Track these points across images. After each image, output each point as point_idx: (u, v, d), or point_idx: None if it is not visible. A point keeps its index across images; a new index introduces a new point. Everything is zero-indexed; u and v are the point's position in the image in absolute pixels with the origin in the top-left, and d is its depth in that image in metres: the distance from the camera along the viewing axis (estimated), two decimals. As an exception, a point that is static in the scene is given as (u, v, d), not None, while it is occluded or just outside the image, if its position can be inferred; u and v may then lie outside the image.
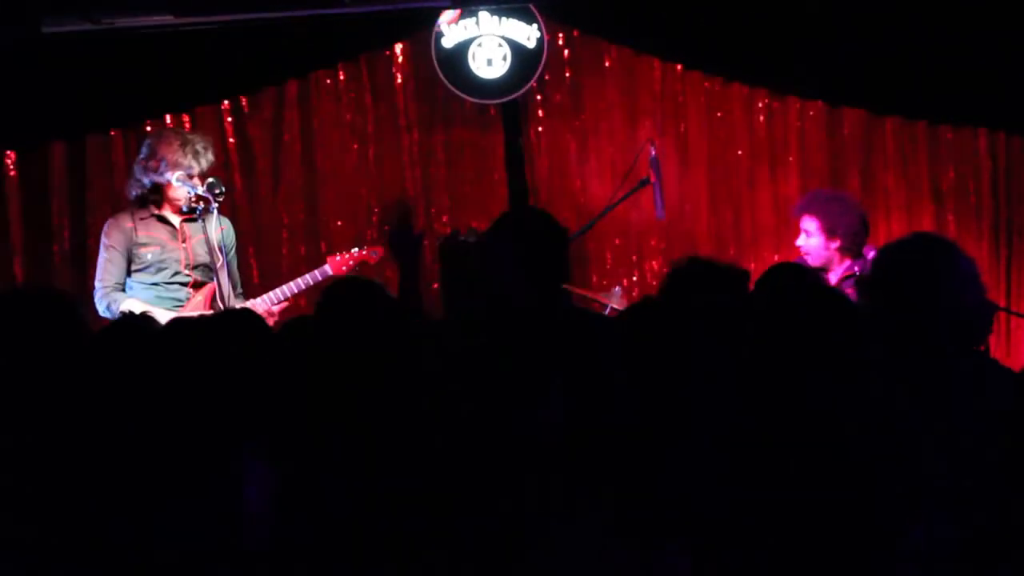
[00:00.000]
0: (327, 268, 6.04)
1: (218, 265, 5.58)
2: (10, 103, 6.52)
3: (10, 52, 6.39)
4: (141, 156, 5.76)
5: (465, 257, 6.84)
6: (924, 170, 7.04)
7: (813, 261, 5.85)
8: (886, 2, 6.68)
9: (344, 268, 6.07)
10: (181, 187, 5.64)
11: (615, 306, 6.10)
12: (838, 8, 6.68)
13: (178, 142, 5.68)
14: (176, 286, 5.75)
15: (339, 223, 7.05)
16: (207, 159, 5.72)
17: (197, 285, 5.77)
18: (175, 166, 5.64)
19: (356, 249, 6.18)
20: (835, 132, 7.05)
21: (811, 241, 5.88)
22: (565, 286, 5.97)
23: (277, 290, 5.93)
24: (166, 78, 6.67)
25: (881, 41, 6.69)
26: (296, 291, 5.96)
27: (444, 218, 7.15)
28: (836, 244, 5.85)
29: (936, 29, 6.62)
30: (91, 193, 6.79)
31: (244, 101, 6.97)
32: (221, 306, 5.55)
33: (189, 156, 5.65)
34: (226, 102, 6.93)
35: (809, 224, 5.92)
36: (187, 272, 5.76)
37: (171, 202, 5.75)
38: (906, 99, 6.88)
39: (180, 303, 5.73)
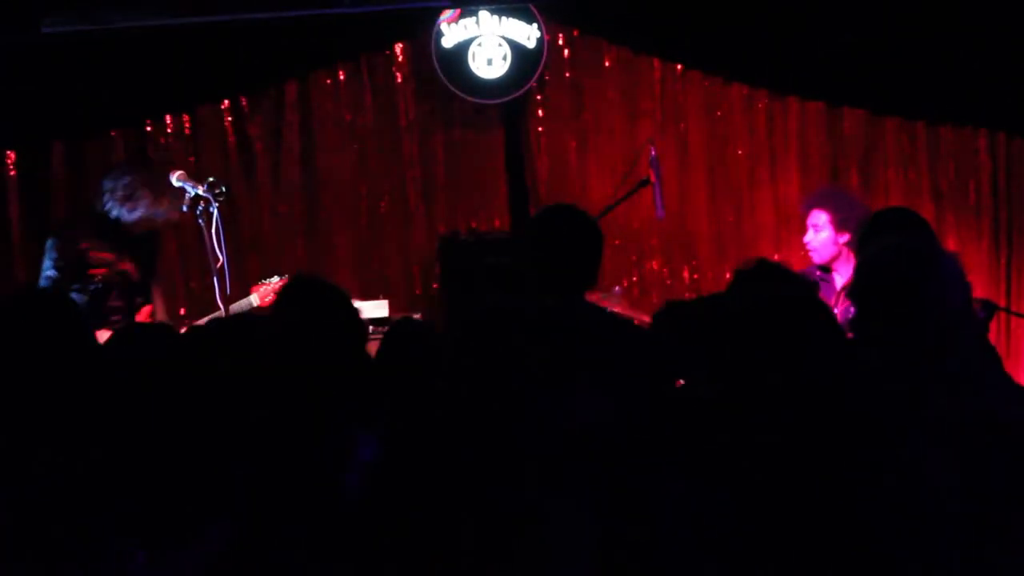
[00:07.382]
0: (252, 299, 5.84)
1: (217, 265, 5.55)
2: (10, 103, 6.53)
3: (10, 52, 6.39)
4: (119, 190, 5.57)
5: (465, 257, 6.83)
6: (924, 170, 7.04)
7: (819, 258, 5.70)
8: (887, 2, 6.68)
9: (268, 300, 5.78)
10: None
11: (614, 307, 6.09)
12: (838, 8, 6.68)
13: (160, 193, 5.52)
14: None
15: (338, 223, 7.05)
16: (177, 208, 5.53)
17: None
18: (146, 209, 5.53)
19: (276, 278, 5.93)
20: (835, 132, 7.05)
21: (820, 236, 5.69)
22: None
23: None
24: (166, 78, 6.68)
25: (881, 41, 6.69)
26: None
27: (444, 218, 7.15)
28: (845, 238, 5.67)
29: (937, 29, 6.62)
30: (91, 193, 6.77)
31: (244, 101, 6.97)
32: (220, 308, 5.52)
33: (166, 205, 5.53)
34: (226, 102, 6.93)
35: (818, 218, 5.79)
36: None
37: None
38: (906, 99, 6.88)
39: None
